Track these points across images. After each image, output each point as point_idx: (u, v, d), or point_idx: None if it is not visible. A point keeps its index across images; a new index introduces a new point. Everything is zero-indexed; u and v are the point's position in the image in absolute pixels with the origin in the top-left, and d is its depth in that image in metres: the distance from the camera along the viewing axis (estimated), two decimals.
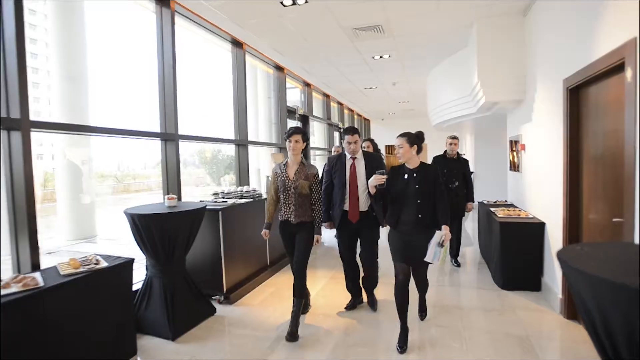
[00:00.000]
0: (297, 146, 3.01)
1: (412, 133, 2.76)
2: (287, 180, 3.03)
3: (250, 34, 4.90)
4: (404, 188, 2.72)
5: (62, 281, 2.24)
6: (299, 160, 3.09)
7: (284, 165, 3.12)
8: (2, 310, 1.89)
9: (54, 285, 2.18)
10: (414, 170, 2.74)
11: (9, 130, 2.47)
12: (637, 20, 2.00)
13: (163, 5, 3.81)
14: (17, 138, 2.46)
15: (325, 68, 6.82)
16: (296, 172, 3.04)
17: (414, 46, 5.62)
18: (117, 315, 2.61)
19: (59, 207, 6.62)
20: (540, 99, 3.82)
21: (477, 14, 4.38)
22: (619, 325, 1.08)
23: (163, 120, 3.85)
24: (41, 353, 2.08)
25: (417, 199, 2.69)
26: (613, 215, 2.42)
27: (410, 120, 14.26)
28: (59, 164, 6.43)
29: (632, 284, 1.02)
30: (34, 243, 2.52)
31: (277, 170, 3.13)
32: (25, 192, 2.47)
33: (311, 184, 3.05)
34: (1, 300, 1.92)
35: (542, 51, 3.74)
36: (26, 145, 2.47)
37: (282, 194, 3.07)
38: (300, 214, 3.02)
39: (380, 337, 2.93)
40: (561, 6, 3.21)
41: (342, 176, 3.21)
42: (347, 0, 3.89)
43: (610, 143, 2.49)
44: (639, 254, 1.28)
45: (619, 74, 2.28)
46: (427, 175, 2.72)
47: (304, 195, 3.03)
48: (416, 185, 2.69)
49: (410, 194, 2.70)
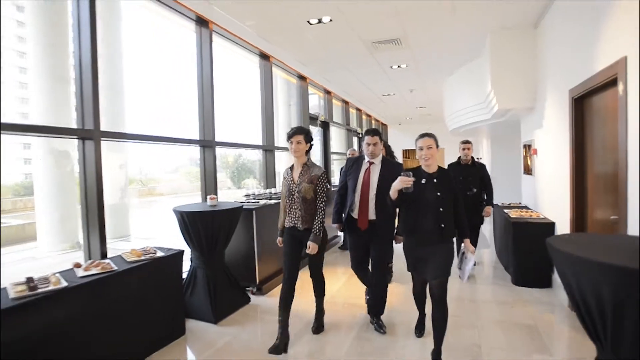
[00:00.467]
0: (300, 147, 2.80)
1: None
2: (292, 184, 2.87)
3: (277, 47, 5.32)
4: (421, 194, 2.48)
5: (129, 267, 2.66)
6: (303, 161, 2.88)
7: (290, 168, 2.95)
8: (87, 287, 2.32)
9: (124, 269, 2.60)
10: (434, 175, 2.52)
11: (84, 140, 2.92)
12: (627, 41, 2.29)
13: (202, 26, 4.26)
14: (90, 146, 2.92)
15: (345, 77, 7.19)
16: (300, 175, 2.85)
17: (430, 56, 5.93)
18: (170, 299, 3.02)
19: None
20: (550, 107, 4.07)
21: (490, 27, 4.68)
22: (590, 293, 1.38)
23: (202, 128, 4.29)
24: (114, 325, 2.50)
25: (439, 206, 2.46)
26: (613, 213, 2.69)
27: (427, 125, 14.46)
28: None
29: (595, 258, 1.33)
30: (102, 235, 2.96)
31: (284, 174, 2.99)
32: (97, 192, 2.92)
33: (316, 186, 2.81)
34: (86, 280, 2.35)
35: (551, 62, 4.00)
36: (97, 152, 2.93)
37: (287, 199, 2.90)
38: (308, 219, 2.82)
39: (400, 323, 3.24)
40: (566, 21, 3.49)
41: (355, 180, 3.05)
42: (368, 17, 4.25)
43: (610, 148, 2.76)
44: (611, 241, 1.58)
45: (614, 87, 2.55)
46: (447, 181, 2.52)
47: (308, 200, 2.81)
48: (437, 192, 2.47)
49: (430, 200, 2.46)
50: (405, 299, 3.70)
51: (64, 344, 2.16)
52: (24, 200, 18.15)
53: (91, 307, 2.34)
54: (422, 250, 2.52)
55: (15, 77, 5.81)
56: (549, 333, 3.00)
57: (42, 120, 5.92)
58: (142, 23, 4.95)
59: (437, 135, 2.76)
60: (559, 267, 1.58)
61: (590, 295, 1.38)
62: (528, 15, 4.31)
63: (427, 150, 2.48)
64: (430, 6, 3.99)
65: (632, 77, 2.24)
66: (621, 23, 2.43)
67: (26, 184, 5.43)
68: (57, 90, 5.97)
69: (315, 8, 3.95)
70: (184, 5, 3.84)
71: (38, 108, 6.05)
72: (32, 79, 6.33)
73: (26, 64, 5.51)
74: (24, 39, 4.70)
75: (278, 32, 4.68)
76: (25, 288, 2.10)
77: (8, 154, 12.67)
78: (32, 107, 6.35)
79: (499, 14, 4.27)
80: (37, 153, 6.81)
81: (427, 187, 2.49)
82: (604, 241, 1.66)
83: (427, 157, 2.48)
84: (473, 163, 4.48)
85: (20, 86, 5.54)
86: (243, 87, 6.44)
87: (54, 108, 6.00)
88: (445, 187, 2.49)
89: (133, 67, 6.91)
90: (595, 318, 1.43)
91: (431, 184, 2.49)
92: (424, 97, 9.38)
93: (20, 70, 5.54)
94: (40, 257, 6.78)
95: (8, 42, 5.22)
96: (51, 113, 6.01)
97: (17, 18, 5.13)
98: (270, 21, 4.30)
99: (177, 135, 4.02)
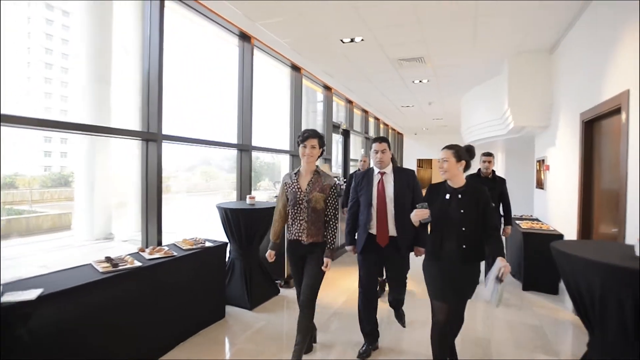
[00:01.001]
0: (314, 152, 2.56)
1: (461, 147, 2.34)
2: (299, 192, 2.59)
3: (308, 61, 5.74)
4: (445, 211, 2.28)
5: (185, 253, 3.08)
6: (313, 168, 2.64)
7: (295, 174, 2.67)
8: (155, 268, 2.74)
9: (182, 255, 3.02)
10: (459, 191, 2.30)
11: (148, 141, 3.37)
12: (630, 75, 2.62)
13: (245, 41, 4.70)
14: (153, 147, 3.36)
15: (367, 88, 7.59)
16: (310, 183, 2.59)
17: (450, 74, 6.29)
18: (214, 285, 3.42)
19: (127, 202, 7.69)
20: (562, 127, 4.39)
21: (508, 51, 5.02)
22: (582, 285, 1.73)
23: (240, 134, 4.72)
24: (171, 303, 2.91)
25: (461, 225, 2.24)
26: (615, 227, 3.00)
27: (443, 136, 14.76)
28: (131, 166, 7.51)
29: (586, 256, 1.69)
30: (159, 226, 3.39)
31: (287, 180, 2.69)
32: (157, 188, 3.35)
33: (327, 197, 2.60)
34: (154, 262, 2.77)
35: (565, 86, 4.33)
36: (159, 153, 3.36)
37: (291, 209, 2.62)
38: (313, 232, 2.58)
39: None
40: (579, 50, 3.82)
41: (369, 194, 2.80)
42: (396, 39, 4.64)
43: (614, 169, 3.08)
44: (606, 247, 1.93)
45: (619, 114, 2.88)
46: (475, 198, 2.27)
47: (318, 211, 2.58)
48: (461, 209, 2.25)
49: (452, 218, 2.26)
50: None
51: (134, 314, 2.58)
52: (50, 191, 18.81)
53: (155, 286, 2.75)
54: (444, 274, 2.30)
55: (59, 77, 6.37)
56: (552, 331, 3.32)
57: (83, 118, 6.46)
58: (190, 36, 5.43)
59: None
60: (559, 265, 1.93)
61: (583, 287, 1.72)
62: (544, 41, 4.65)
63: (442, 162, 2.31)
64: (454, 32, 4.35)
65: (633, 108, 2.57)
66: (625, 58, 2.76)
67: (52, 176, 6.00)
68: (99, 90, 6.51)
69: (350, 29, 4.36)
70: (231, 22, 4.28)
71: (80, 107, 6.59)
72: (76, 80, 6.90)
73: (68, 65, 6.05)
74: (67, 40, 5.33)
75: (312, 47, 5.10)
76: (109, 265, 2.53)
77: (33, 147, 13.24)
78: (73, 106, 6.91)
79: (517, 40, 4.61)
80: (80, 148, 7.36)
81: (451, 203, 2.28)
82: (598, 246, 2.01)
83: (442, 170, 2.34)
84: (494, 177, 4.27)
85: (61, 85, 6.13)
86: (273, 95, 6.88)
87: (95, 107, 6.53)
88: (471, 203, 2.26)
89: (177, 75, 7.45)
90: (587, 307, 1.77)
91: (455, 200, 2.28)
92: (441, 109, 9.71)
93: (62, 70, 6.12)
94: (77, 246, 7.31)
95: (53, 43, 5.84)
96: (92, 112, 6.54)
97: (63, 22, 5.76)
98: (306, 39, 4.73)
99: (216, 139, 4.46)
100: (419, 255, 2.79)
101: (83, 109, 6.87)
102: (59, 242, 9.13)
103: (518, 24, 4.08)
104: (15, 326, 1.86)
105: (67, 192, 12.42)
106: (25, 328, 1.90)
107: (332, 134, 7.42)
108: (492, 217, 2.28)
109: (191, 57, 7.60)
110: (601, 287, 1.64)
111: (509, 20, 3.97)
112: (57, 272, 2.43)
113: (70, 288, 2.13)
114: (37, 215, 9.86)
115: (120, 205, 9.19)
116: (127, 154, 8.40)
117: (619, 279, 1.59)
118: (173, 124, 3.77)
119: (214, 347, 3.00)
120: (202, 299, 3.26)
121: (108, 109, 7.15)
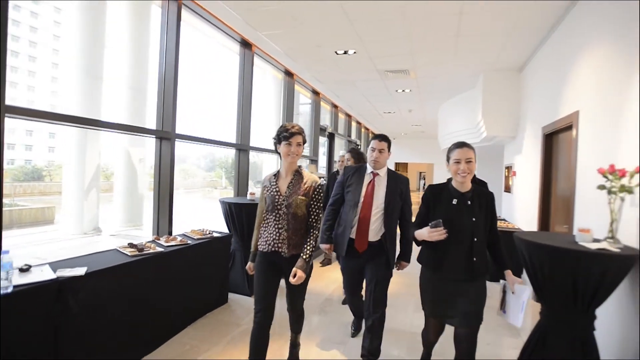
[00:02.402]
0: (299, 151, 2.25)
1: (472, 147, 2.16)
2: (277, 196, 2.24)
3: (302, 68, 6.13)
4: (452, 218, 2.00)
5: (197, 242, 3.40)
6: (294, 168, 2.32)
7: (274, 176, 2.34)
8: (173, 254, 3.06)
9: (194, 244, 3.35)
10: (467, 195, 2.06)
11: (162, 139, 3.66)
12: (580, 98, 3.18)
13: (246, 48, 5.04)
14: (166, 145, 3.65)
15: (353, 94, 8.06)
16: (290, 185, 2.26)
17: (430, 85, 6.85)
18: (219, 272, 3.75)
19: (115, 197, 7.82)
20: (527, 138, 5.00)
21: (484, 67, 5.61)
22: (538, 265, 2.22)
23: (239, 134, 5.05)
24: (184, 287, 3.24)
25: (473, 235, 1.99)
26: (567, 224, 3.57)
27: (420, 141, 15.53)
28: (121, 161, 7.66)
29: (539, 241, 2.19)
30: (170, 217, 3.69)
31: (265, 184, 2.35)
32: (169, 183, 3.65)
33: (310, 200, 2.25)
34: (172, 249, 3.09)
35: (531, 101, 4.93)
36: (172, 150, 3.66)
37: (270, 214, 2.25)
38: (295, 243, 2.23)
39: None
40: (543, 71, 4.42)
41: (357, 193, 2.59)
42: (386, 53, 5.12)
43: (568, 176, 3.65)
44: (555, 236, 2.45)
45: (571, 130, 3.45)
46: (484, 203, 2.08)
47: (300, 217, 2.23)
48: (472, 216, 2.00)
49: (463, 227, 2.00)
50: None
51: (157, 293, 2.90)
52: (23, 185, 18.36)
53: (173, 269, 3.07)
54: (447, 289, 2.08)
55: (49, 72, 6.48)
56: None
57: (75, 111, 6.60)
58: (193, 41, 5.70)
59: (429, 150, 2.86)
60: (519, 250, 2.42)
61: (537, 266, 2.22)
62: (515, 61, 5.25)
63: (465, 164, 2.01)
64: (437, 48, 4.87)
65: (582, 126, 3.13)
66: (579, 81, 3.32)
67: (25, 170, 6.11)
68: (91, 86, 6.66)
69: (345, 42, 4.78)
70: (234, 29, 4.58)
71: (73, 101, 6.72)
72: (70, 75, 7.02)
73: (58, 60, 6.17)
74: (59, 37, 5.42)
75: (307, 56, 5.49)
76: (135, 250, 2.83)
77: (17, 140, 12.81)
78: (65, 100, 7.00)
79: (492, 58, 5.19)
80: (70, 143, 7.43)
81: (461, 210, 2.02)
82: (550, 236, 2.52)
83: (464, 173, 2.00)
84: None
85: (51, 80, 6.25)
86: (267, 98, 7.22)
87: (87, 102, 6.68)
88: (481, 209, 2.04)
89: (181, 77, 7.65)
90: (540, 282, 2.27)
91: (465, 207, 2.03)
92: (420, 116, 10.34)
93: (52, 65, 6.23)
94: (66, 239, 7.37)
95: (44, 39, 5.97)
96: (84, 106, 6.68)
97: (54, 18, 5.90)
98: (302, 49, 5.12)
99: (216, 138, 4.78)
100: (402, 269, 2.73)
101: (75, 102, 6.99)
102: (43, 236, 9.09)
103: (494, 43, 4.64)
104: (67, 298, 2.16)
105: (41, 187, 12.27)
106: (75, 300, 2.20)
107: (318, 137, 7.84)
108: (496, 224, 2.15)
109: (193, 61, 7.84)
110: (549, 265, 2.14)
111: (486, 39, 4.51)
112: (87, 255, 2.72)
113: (110, 267, 2.44)
114: (20, 208, 9.78)
115: (108, 200, 9.23)
116: (117, 149, 8.48)
117: (561, 258, 2.09)
118: None
119: (222, 327, 3.34)
120: (210, 284, 3.59)
121: (98, 103, 7.28)
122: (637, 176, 2.05)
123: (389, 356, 2.87)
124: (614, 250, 2.03)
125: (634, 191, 2.07)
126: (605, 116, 2.71)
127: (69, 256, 2.60)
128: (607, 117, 2.68)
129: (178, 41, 3.66)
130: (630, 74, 2.37)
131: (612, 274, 2.00)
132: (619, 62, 2.55)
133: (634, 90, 2.30)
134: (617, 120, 2.51)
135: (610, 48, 2.72)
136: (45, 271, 2.22)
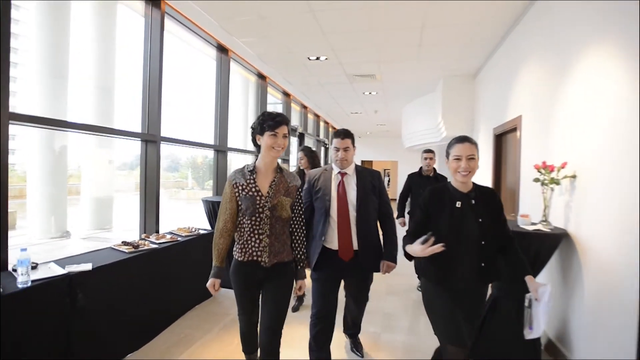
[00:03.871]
0: (285, 144, 1.96)
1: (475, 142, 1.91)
2: (259, 197, 1.94)
3: (274, 71, 6.40)
4: (457, 223, 1.82)
5: (187, 239, 3.62)
6: (275, 165, 2.03)
7: (250, 172, 1.99)
8: (165, 250, 3.27)
9: (184, 240, 3.56)
10: (471, 195, 1.87)
11: (147, 142, 3.82)
12: (522, 104, 3.73)
13: (223, 53, 5.24)
14: (152, 148, 3.81)
15: (322, 96, 8.43)
16: (272, 184, 1.97)
17: (395, 88, 7.37)
18: (207, 267, 3.94)
19: (82, 200, 7.70)
20: (481, 137, 5.60)
21: (443, 73, 6.17)
22: None
23: (217, 136, 5.24)
24: (177, 281, 3.45)
25: (480, 239, 1.81)
26: (513, 213, 4.13)
27: (385, 139, 16.21)
28: (88, 162, 7.56)
29: None
30: (157, 216, 3.86)
31: (238, 180, 1.98)
32: (155, 185, 3.82)
33: (294, 202, 2.04)
34: (164, 245, 3.29)
35: (483, 105, 5.53)
36: (158, 153, 3.83)
37: (247, 219, 1.94)
38: (277, 250, 1.97)
39: None
40: (492, 78, 5.00)
41: (325, 199, 2.32)
42: (355, 59, 5.52)
43: (514, 172, 4.21)
44: None
45: (516, 131, 4.01)
46: (489, 202, 1.88)
47: (284, 220, 2.00)
48: (478, 218, 1.82)
49: (469, 231, 1.81)
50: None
51: (154, 286, 3.11)
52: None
53: (166, 264, 3.28)
54: (462, 308, 1.85)
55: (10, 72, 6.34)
56: None
57: (39, 111, 6.49)
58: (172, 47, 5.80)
59: (393, 149, 3.14)
60: None
61: None
62: (470, 67, 5.84)
63: (467, 162, 1.80)
64: (402, 56, 5.34)
65: (525, 129, 3.67)
66: (522, 88, 3.86)
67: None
68: (55, 86, 6.56)
69: (317, 49, 5.12)
70: (211, 34, 4.77)
71: (35, 101, 6.58)
72: (34, 75, 6.85)
73: (17, 60, 6.09)
74: (17, 35, 5.54)
75: (280, 61, 5.78)
76: (130, 247, 3.02)
77: None
78: (26, 100, 6.90)
79: (450, 65, 5.74)
80: (34, 146, 7.23)
81: (465, 212, 1.83)
82: None
83: (465, 172, 1.80)
84: (435, 175, 4.25)
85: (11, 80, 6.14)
86: (239, 100, 7.41)
87: (51, 102, 6.57)
88: (487, 209, 1.85)
89: None
90: None
91: (469, 208, 1.84)
92: (385, 117, 10.91)
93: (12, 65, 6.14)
94: (35, 243, 7.17)
95: None
96: (48, 106, 6.56)
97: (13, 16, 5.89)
98: (276, 54, 5.41)
99: (195, 140, 4.96)
100: (388, 271, 2.40)
101: (37, 103, 6.85)
102: (14, 241, 8.69)
103: (452, 53, 5.16)
104: (76, 292, 2.35)
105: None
106: (83, 293, 2.39)
107: (290, 137, 8.14)
108: (507, 224, 1.92)
109: (172, 66, 7.93)
110: None
111: (445, 49, 5.03)
112: (85, 253, 2.88)
113: (113, 263, 2.64)
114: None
115: (74, 202, 9.04)
116: (84, 150, 8.36)
117: None
118: None
119: (212, 317, 3.59)
120: (198, 278, 3.79)
121: (64, 103, 7.18)
122: (562, 171, 2.56)
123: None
124: (546, 230, 2.53)
125: (560, 183, 2.58)
126: (540, 120, 3.26)
127: (45, 260, 2.59)
128: (541, 121, 3.22)
129: (162, 47, 3.82)
130: (557, 84, 2.90)
131: (546, 249, 2.50)
132: (551, 73, 3.08)
133: (562, 99, 2.82)
134: (548, 124, 3.05)
135: (542, 59, 3.26)
136: (54, 267, 2.39)
